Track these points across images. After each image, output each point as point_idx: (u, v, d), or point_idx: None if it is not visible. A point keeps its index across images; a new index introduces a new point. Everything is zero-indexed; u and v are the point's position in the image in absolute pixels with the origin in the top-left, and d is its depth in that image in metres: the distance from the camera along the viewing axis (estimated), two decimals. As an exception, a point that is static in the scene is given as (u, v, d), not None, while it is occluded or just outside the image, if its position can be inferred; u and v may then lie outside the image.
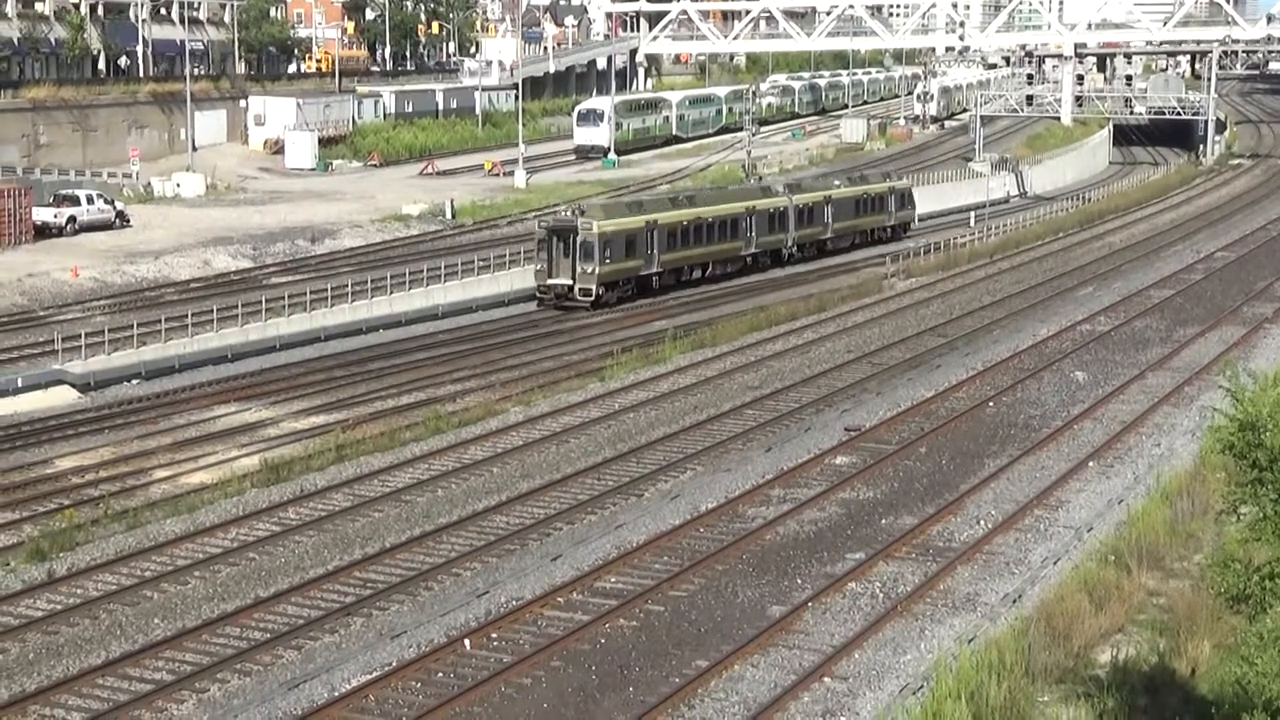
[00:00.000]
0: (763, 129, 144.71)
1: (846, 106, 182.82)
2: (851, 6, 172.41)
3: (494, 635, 28.12)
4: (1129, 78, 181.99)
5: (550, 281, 64.99)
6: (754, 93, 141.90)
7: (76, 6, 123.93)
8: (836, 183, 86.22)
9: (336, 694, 25.43)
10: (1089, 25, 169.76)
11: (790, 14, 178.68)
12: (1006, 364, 53.00)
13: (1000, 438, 43.09)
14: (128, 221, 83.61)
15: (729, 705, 25.25)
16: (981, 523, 35.04)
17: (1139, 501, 35.66)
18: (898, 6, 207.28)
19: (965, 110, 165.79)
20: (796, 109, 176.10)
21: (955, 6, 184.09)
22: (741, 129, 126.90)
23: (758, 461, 40.39)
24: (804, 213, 79.68)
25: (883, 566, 31.97)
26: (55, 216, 79.86)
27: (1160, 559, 31.56)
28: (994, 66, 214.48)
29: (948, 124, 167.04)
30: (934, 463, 40.45)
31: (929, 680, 25.34)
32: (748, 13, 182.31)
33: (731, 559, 32.44)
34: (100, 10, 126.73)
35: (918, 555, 32.78)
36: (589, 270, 64.39)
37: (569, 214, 67.57)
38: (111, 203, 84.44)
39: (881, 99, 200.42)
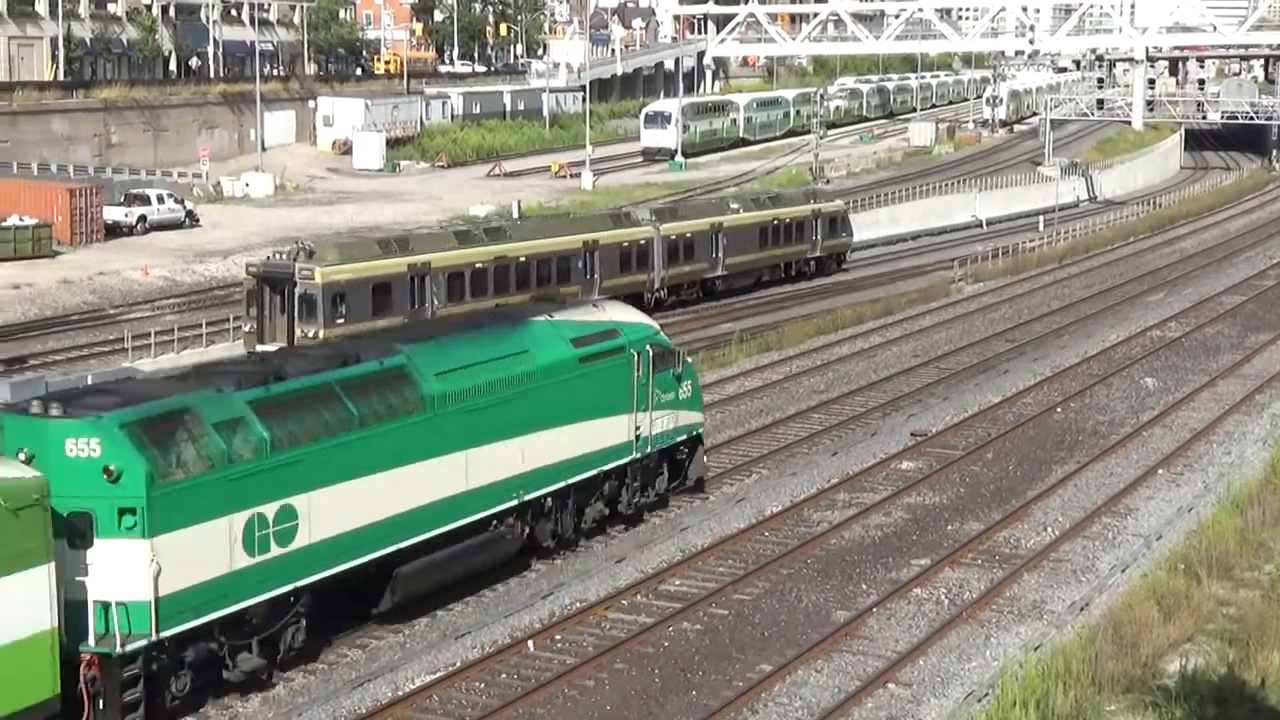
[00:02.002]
0: (830, 132, 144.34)
1: (915, 110, 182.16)
2: (920, 9, 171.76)
3: (558, 637, 28.10)
4: (1201, 82, 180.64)
5: (262, 349, 45.08)
6: (822, 95, 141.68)
7: (148, 7, 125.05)
8: (734, 205, 69.37)
9: (400, 693, 25.48)
10: (1161, 29, 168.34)
11: (859, 17, 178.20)
12: (1075, 369, 52.59)
13: (1068, 444, 42.73)
14: (197, 221, 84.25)
15: (792, 710, 25.13)
16: (1049, 529, 34.74)
17: (1209, 510, 35.27)
18: (967, 9, 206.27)
19: (1035, 114, 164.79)
20: (864, 112, 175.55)
21: (1025, 10, 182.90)
22: (809, 132, 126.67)
23: (823, 465, 40.21)
24: (677, 246, 62.83)
25: (948, 572, 31.76)
26: (126, 215, 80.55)
27: (1230, 568, 31.22)
28: (1064, 70, 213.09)
29: (1017, 128, 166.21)
30: (1001, 468, 40.16)
31: (994, 688, 25.14)
32: (816, 15, 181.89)
33: (796, 563, 32.31)
34: (172, 11, 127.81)
35: (984, 561, 32.54)
36: (311, 335, 46.46)
37: (287, 255, 49.01)
38: (181, 202, 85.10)
39: (950, 102, 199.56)
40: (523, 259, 54.60)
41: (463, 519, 29.32)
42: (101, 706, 22.74)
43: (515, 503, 30.73)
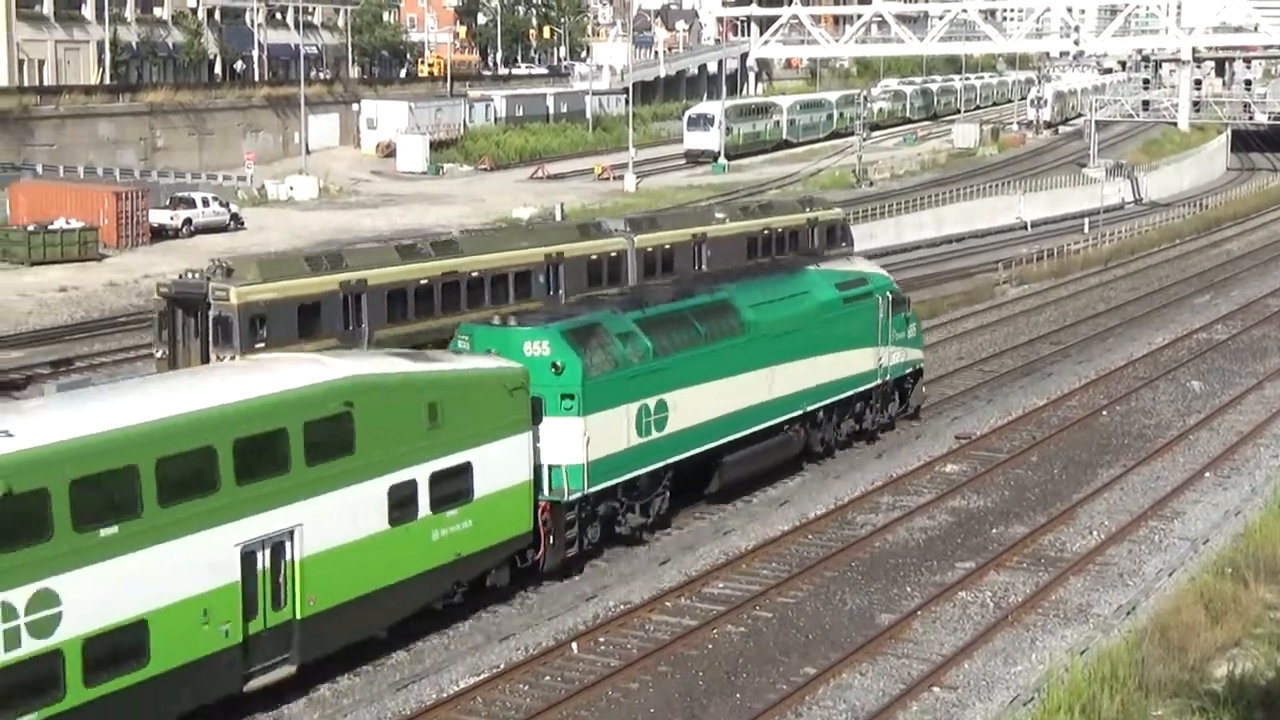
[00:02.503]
0: (874, 134, 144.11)
1: (959, 111, 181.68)
2: (965, 11, 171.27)
3: (602, 639, 28.12)
4: (1248, 82, 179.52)
5: None
6: (865, 97, 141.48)
7: (194, 11, 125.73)
8: (719, 215, 62.86)
9: (444, 695, 25.53)
10: (1207, 29, 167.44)
11: (902, 18, 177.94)
12: (1121, 372, 52.31)
13: (1114, 447, 42.51)
14: (242, 224, 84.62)
15: (836, 713, 25.08)
16: (1094, 533, 34.57)
17: (1256, 513, 35.01)
18: (1011, 10, 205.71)
19: (1079, 115, 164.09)
20: (908, 114, 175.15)
21: (1070, 10, 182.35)
22: (852, 133, 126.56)
23: (868, 468, 40.13)
24: (655, 259, 56.22)
25: (993, 576, 31.64)
26: (171, 218, 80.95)
27: (1277, 572, 30.98)
28: (1109, 71, 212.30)
29: (1061, 129, 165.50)
30: (1046, 471, 39.98)
31: (1040, 692, 25.03)
32: (859, 17, 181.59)
33: (840, 565, 32.25)
34: (217, 15, 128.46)
35: (1029, 565, 32.40)
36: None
37: (202, 274, 44.55)
38: (226, 205, 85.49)
39: (994, 104, 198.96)
40: (475, 274, 49.30)
41: (767, 422, 37.74)
42: (552, 541, 31.30)
43: (800, 413, 39.09)
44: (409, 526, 27.45)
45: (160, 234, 79.03)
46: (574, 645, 27.68)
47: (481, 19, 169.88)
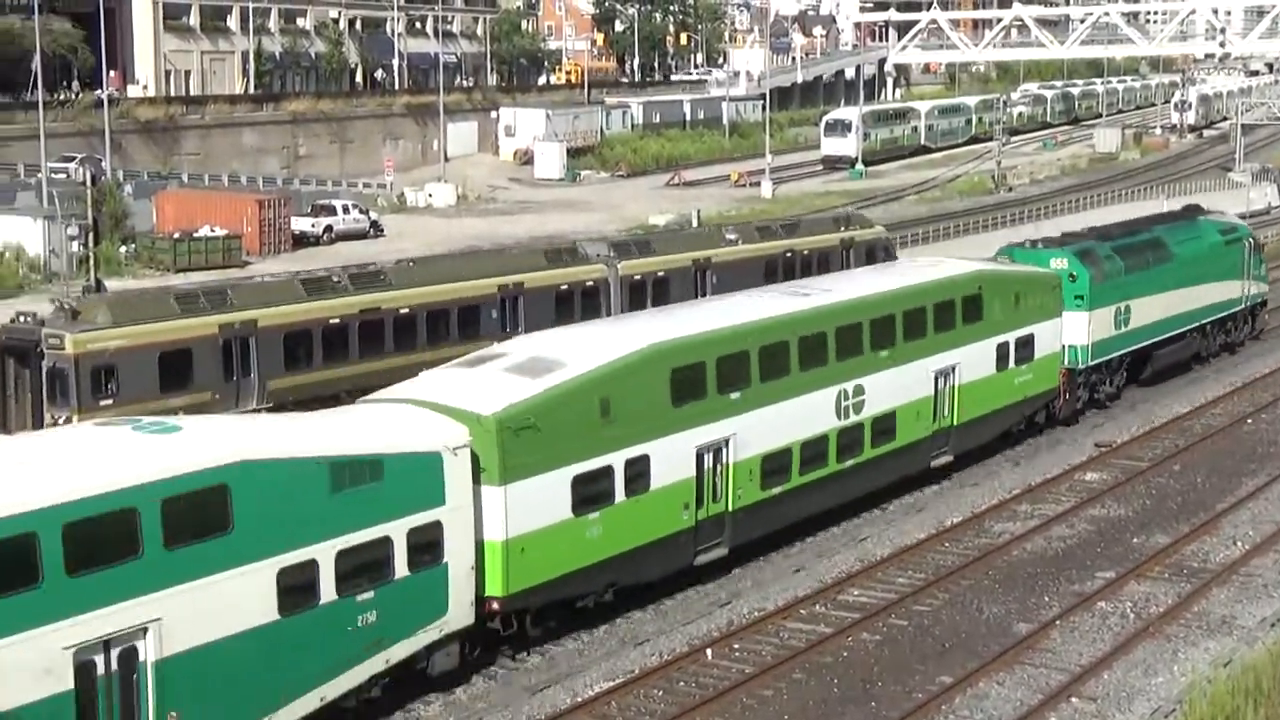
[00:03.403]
0: (1013, 138, 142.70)
1: (1100, 115, 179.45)
2: (1107, 13, 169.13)
3: (736, 645, 28.07)
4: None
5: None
6: (1005, 102, 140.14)
7: (335, 21, 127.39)
8: (730, 236, 55.95)
9: (579, 700, 25.61)
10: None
11: (1043, 21, 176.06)
12: (1266, 379, 51.31)
13: (1259, 456, 41.71)
14: (381, 231, 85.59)
15: (973, 723, 24.86)
16: (1238, 543, 33.95)
17: (1407, 524, 34.26)
18: (1155, 13, 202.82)
19: (1225, 119, 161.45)
20: (1048, 118, 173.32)
21: (1216, 12, 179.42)
22: (991, 138, 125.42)
23: (1005, 476, 39.73)
24: (643, 289, 50.17)
25: (1134, 586, 31.18)
26: (313, 226, 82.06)
27: None
28: (1256, 73, 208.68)
29: (1206, 133, 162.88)
30: (1188, 480, 39.33)
31: (1182, 704, 24.63)
32: (999, 21, 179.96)
33: (977, 574, 31.95)
34: (358, 25, 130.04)
35: (1170, 575, 31.90)
36: (63, 420, 36.32)
37: (36, 317, 38.51)
38: (366, 212, 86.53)
39: (1137, 107, 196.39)
40: (404, 311, 42.94)
41: (1181, 329, 50.19)
42: (1066, 397, 43.94)
43: (1196, 325, 51.27)
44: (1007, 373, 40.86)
45: (302, 241, 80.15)
46: (708, 651, 27.66)
47: (619, 26, 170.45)
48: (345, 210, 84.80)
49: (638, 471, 29.18)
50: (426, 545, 25.03)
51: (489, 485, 26.19)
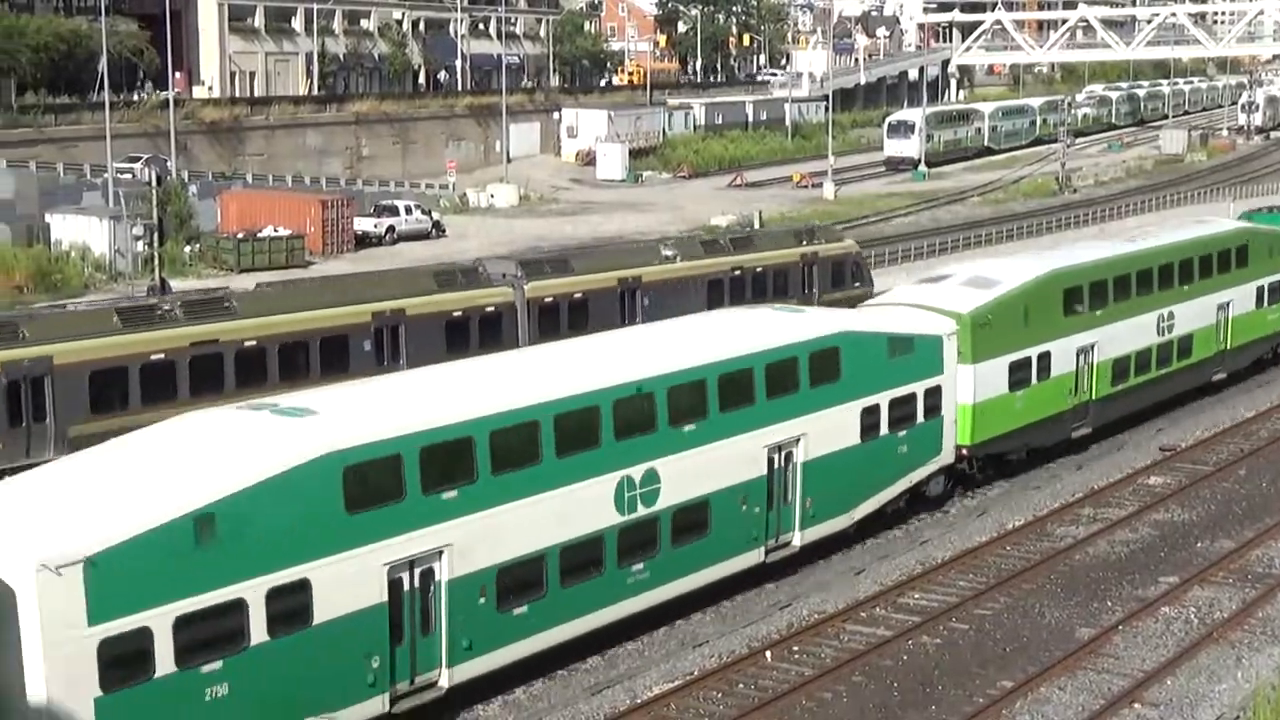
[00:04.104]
0: (1078, 140, 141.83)
1: (1166, 117, 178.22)
2: (1173, 14, 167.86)
3: (795, 648, 27.99)
4: None
5: None
6: (1069, 103, 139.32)
7: (399, 23, 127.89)
8: (667, 252, 49.99)
9: (638, 700, 25.61)
10: None
11: (1108, 23, 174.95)
12: (1334, 384, 50.92)
13: (1326, 460, 41.34)
14: (443, 231, 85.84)
15: (1034, 728, 24.70)
16: (1305, 549, 33.66)
17: None
18: (1222, 13, 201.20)
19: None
20: (1113, 120, 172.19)
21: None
22: (1055, 140, 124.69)
23: (1067, 479, 39.49)
24: (556, 315, 44.94)
25: (1197, 591, 30.91)
26: (375, 226, 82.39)
27: None
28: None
29: (1274, 134, 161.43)
30: (1254, 485, 38.96)
31: (1246, 711, 24.42)
32: (1064, 22, 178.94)
33: (1038, 578, 31.75)
34: (421, 26, 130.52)
35: (1235, 581, 31.59)
36: None
37: None
38: (428, 213, 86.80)
39: (1203, 109, 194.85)
40: (250, 343, 37.96)
41: None
42: None
43: None
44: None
45: (364, 242, 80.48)
46: (768, 653, 27.60)
47: (681, 27, 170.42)
48: (408, 211, 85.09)
49: (1043, 365, 39.51)
50: (933, 402, 35.56)
51: (963, 364, 36.73)
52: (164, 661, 21.03)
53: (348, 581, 23.21)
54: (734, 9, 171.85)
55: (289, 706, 22.59)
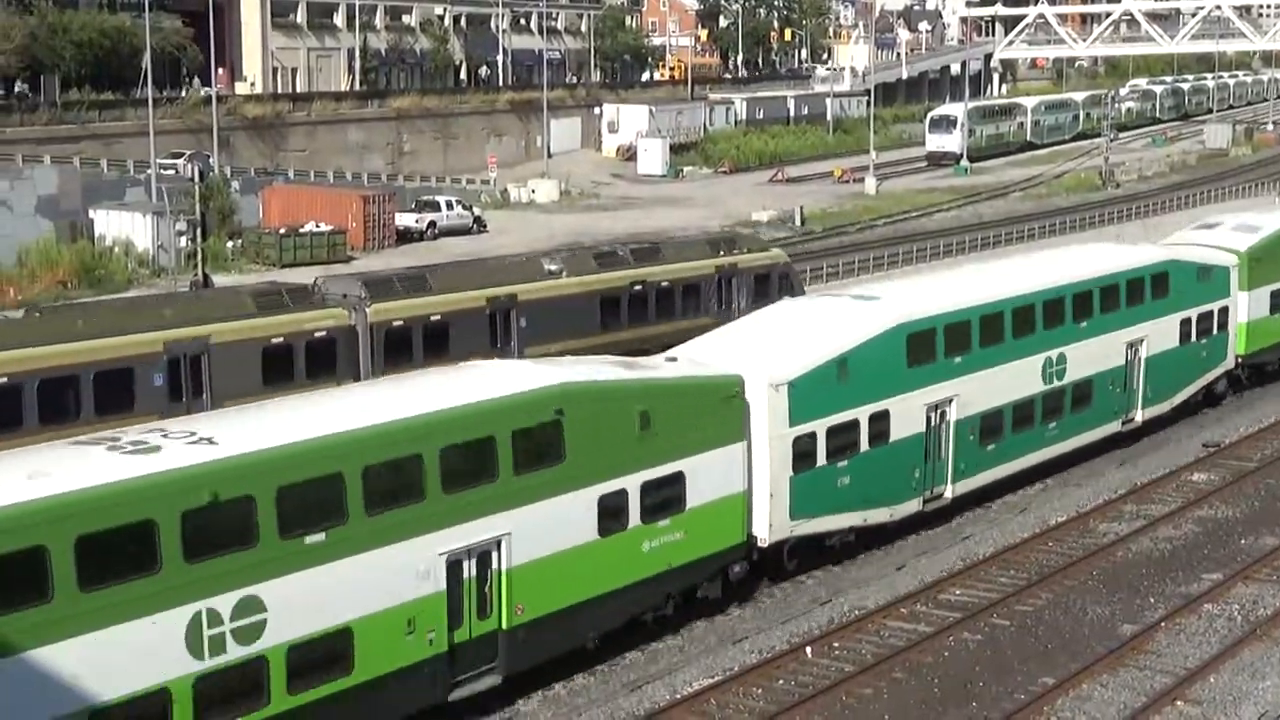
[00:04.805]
0: (1121, 135, 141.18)
1: (1210, 111, 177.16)
2: (1218, 7, 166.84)
3: (836, 644, 27.92)
4: None
5: None
6: (1113, 97, 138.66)
7: (440, 18, 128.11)
8: (550, 266, 44.83)
9: (678, 696, 25.58)
10: None
11: (1152, 16, 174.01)
12: (1380, 379, 50.53)
13: (1372, 457, 41.04)
14: (484, 226, 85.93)
15: (1076, 725, 24.58)
16: (1350, 545, 33.43)
17: None
18: (1268, 6, 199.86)
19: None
20: (1157, 114, 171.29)
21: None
22: (1099, 135, 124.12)
23: (1110, 476, 39.30)
24: (408, 342, 39.91)
25: (1241, 588, 30.70)
26: (416, 221, 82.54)
27: None
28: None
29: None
30: (1299, 481, 38.74)
31: (1290, 708, 24.26)
32: (1108, 15, 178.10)
33: (1081, 574, 31.59)
34: (463, 22, 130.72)
35: (1279, 578, 31.39)
36: None
37: None
38: (469, 208, 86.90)
39: (1249, 103, 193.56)
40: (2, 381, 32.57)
41: None
42: None
43: None
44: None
45: (405, 237, 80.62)
46: (808, 650, 27.54)
47: (723, 22, 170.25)
48: (449, 206, 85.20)
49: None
50: (1223, 319, 45.19)
51: (1240, 291, 46.08)
52: (820, 456, 31.23)
53: (906, 415, 33.27)
54: (775, 3, 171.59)
55: (876, 497, 32.79)
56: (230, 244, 73.67)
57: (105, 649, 19.95)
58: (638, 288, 46.02)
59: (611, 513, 26.54)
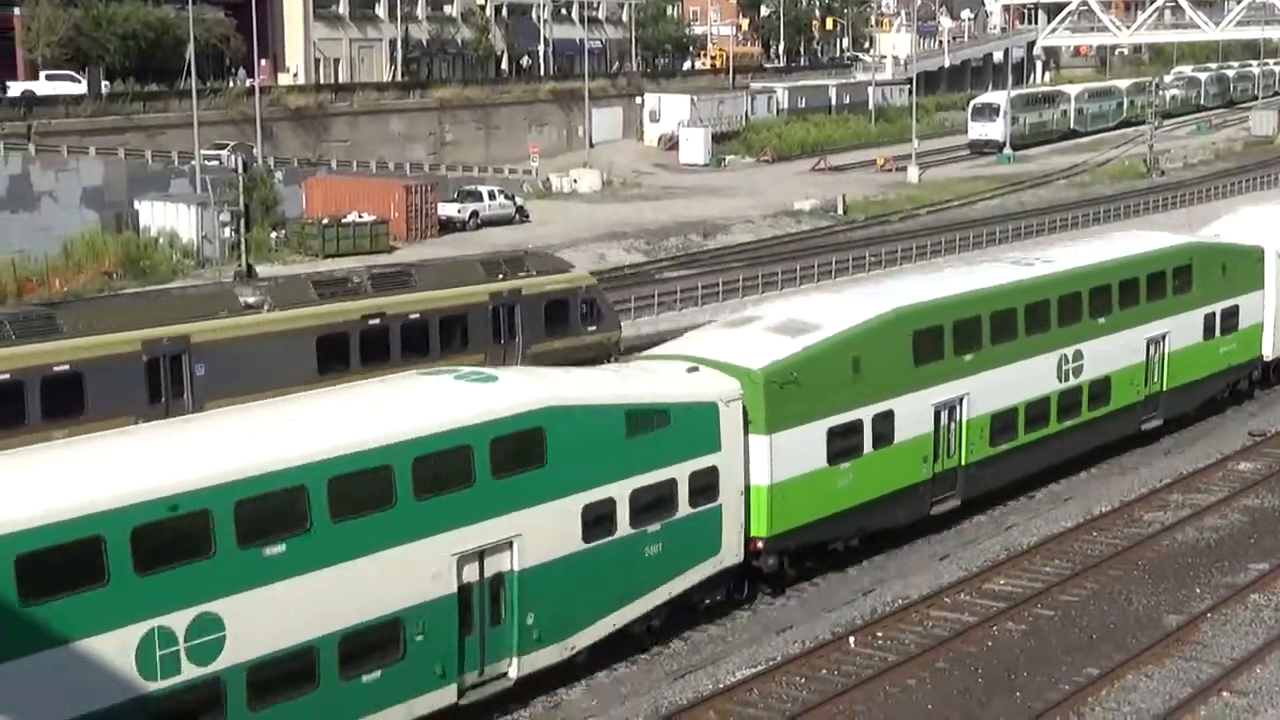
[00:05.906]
0: (1165, 122, 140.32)
1: (1256, 98, 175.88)
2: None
3: (879, 634, 27.88)
4: None
5: None
6: (1157, 85, 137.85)
7: (482, 8, 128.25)
8: (249, 299, 37.08)
9: (721, 685, 25.59)
10: None
11: (1197, 2, 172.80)
12: None
13: None
14: (526, 216, 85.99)
15: (1120, 715, 24.46)
16: (1398, 535, 33.21)
17: None
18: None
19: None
20: (1202, 101, 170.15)
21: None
22: (1143, 122, 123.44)
23: (1155, 465, 39.12)
24: (24, 403, 32.09)
25: (1288, 578, 30.55)
26: (459, 211, 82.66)
27: None
28: None
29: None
30: (1347, 471, 38.47)
31: (1337, 699, 24.10)
32: (1152, 2, 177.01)
33: (1125, 564, 31.46)
34: (504, 11, 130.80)
35: (1327, 567, 31.22)
36: None
37: None
38: (511, 198, 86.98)
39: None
40: None
41: None
42: None
43: None
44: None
45: (448, 227, 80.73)
46: (851, 640, 27.51)
47: (764, 11, 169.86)
48: (491, 196, 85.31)
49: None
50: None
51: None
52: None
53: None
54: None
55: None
56: (274, 234, 73.95)
57: (1032, 369, 33.84)
58: (373, 322, 38.35)
59: (1209, 326, 42.26)
